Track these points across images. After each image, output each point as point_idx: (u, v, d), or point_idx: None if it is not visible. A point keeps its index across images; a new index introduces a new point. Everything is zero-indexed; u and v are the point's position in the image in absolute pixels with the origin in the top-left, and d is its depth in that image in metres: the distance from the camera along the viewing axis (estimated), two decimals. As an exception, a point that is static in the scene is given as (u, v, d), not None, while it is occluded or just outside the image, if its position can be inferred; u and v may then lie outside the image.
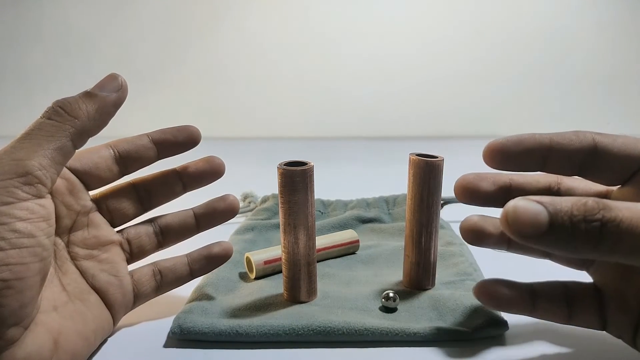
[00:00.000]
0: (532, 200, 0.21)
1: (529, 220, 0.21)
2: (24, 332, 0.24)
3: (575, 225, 0.21)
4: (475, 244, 0.30)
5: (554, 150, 0.26)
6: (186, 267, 0.34)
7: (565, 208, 0.21)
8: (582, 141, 0.26)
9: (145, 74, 1.14)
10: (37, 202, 0.25)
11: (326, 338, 0.31)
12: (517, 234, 0.21)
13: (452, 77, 1.12)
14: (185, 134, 0.33)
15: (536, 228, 0.21)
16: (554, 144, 0.26)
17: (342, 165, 0.86)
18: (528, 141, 0.27)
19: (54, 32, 1.15)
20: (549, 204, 0.21)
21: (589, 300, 0.28)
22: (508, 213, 0.21)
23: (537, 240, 0.21)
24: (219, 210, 0.34)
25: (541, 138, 0.27)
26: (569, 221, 0.21)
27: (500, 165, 0.27)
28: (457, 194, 0.30)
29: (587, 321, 0.28)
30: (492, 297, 0.28)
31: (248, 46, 1.13)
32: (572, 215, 0.21)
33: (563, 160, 0.27)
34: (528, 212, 0.21)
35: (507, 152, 0.27)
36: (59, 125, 0.26)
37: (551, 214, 0.21)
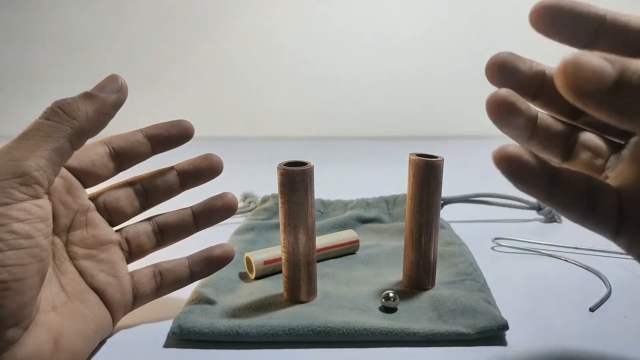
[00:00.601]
0: (596, 54, 0.19)
1: (593, 73, 0.19)
2: (24, 332, 0.24)
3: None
4: (502, 122, 0.25)
5: (609, 24, 0.24)
6: (187, 269, 0.34)
7: (636, 66, 0.19)
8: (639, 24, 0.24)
9: (145, 74, 1.14)
10: (34, 203, 0.24)
11: (326, 338, 0.31)
12: (576, 89, 0.19)
13: (452, 77, 1.12)
14: (178, 129, 0.33)
15: (601, 83, 0.19)
16: (610, 18, 0.24)
17: (342, 165, 0.86)
18: (582, 6, 0.24)
19: (54, 32, 1.15)
20: (616, 60, 0.19)
21: (609, 200, 0.25)
22: (568, 63, 0.19)
23: (598, 98, 0.19)
24: (217, 208, 0.34)
25: (597, 8, 0.24)
26: (638, 79, 0.19)
27: (547, 25, 0.24)
28: (489, 72, 0.26)
29: (602, 220, 0.25)
30: (514, 163, 0.23)
31: (248, 46, 1.13)
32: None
33: (615, 39, 0.24)
34: (592, 65, 0.19)
35: (559, 11, 0.24)
36: (57, 126, 0.26)
37: (618, 69, 0.19)
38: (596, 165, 0.27)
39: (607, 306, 0.35)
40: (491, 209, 0.55)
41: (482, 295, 0.34)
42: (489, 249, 0.46)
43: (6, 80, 1.18)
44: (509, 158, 0.23)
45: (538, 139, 0.26)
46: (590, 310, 0.34)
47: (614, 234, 0.25)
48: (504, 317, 0.31)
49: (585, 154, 0.27)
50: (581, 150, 0.27)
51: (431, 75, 1.12)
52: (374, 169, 0.82)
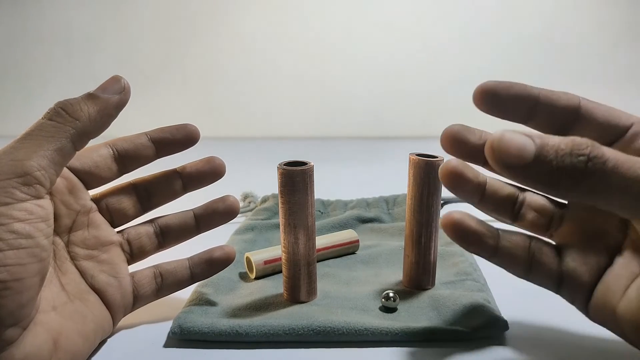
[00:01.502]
0: (519, 133, 0.22)
1: (515, 149, 0.21)
2: (23, 332, 0.24)
3: (560, 159, 0.21)
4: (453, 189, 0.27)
5: (541, 103, 0.27)
6: (187, 270, 0.34)
7: (553, 142, 0.22)
8: (569, 100, 0.27)
9: (145, 74, 1.14)
10: (35, 203, 0.25)
11: (326, 338, 0.31)
12: (502, 163, 0.21)
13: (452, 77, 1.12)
14: (184, 133, 0.33)
15: (522, 158, 0.21)
16: (542, 96, 0.27)
17: (342, 165, 0.86)
18: (518, 88, 0.27)
19: (55, 32, 1.15)
20: (537, 137, 0.22)
21: (549, 257, 0.28)
22: (494, 141, 0.21)
23: (520, 171, 0.21)
24: (219, 211, 0.34)
25: (531, 89, 0.27)
26: (554, 154, 0.21)
27: (488, 106, 0.27)
28: (443, 144, 0.29)
29: (545, 277, 0.28)
30: (458, 228, 0.26)
31: (249, 46, 1.13)
32: (559, 148, 0.21)
33: (548, 115, 0.27)
34: (515, 142, 0.21)
35: (497, 95, 0.27)
36: (60, 127, 0.26)
37: (538, 146, 0.21)
38: (541, 224, 0.29)
39: (607, 306, 0.35)
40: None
41: (482, 295, 0.34)
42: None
43: (6, 80, 1.18)
44: (454, 224, 0.26)
45: (488, 202, 0.29)
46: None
47: (557, 289, 0.28)
48: (504, 317, 0.31)
49: (531, 214, 0.29)
50: (527, 210, 0.29)
51: (431, 75, 1.12)
52: (374, 169, 0.82)
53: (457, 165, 0.27)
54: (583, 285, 0.27)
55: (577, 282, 0.27)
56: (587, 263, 0.27)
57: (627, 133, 0.27)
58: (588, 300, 0.27)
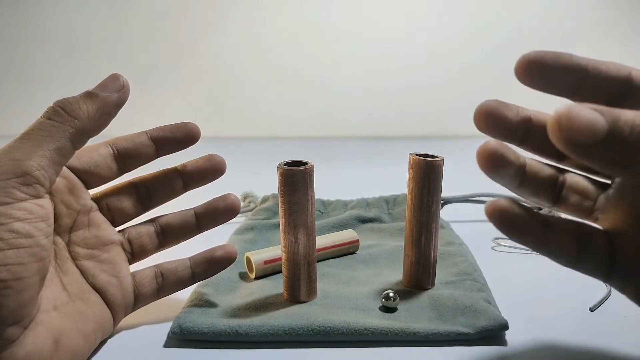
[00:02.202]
0: (588, 107, 0.19)
1: (585, 125, 0.19)
2: (24, 331, 0.24)
3: (636, 135, 0.19)
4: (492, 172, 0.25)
5: (591, 74, 0.25)
6: (188, 270, 0.34)
7: (626, 117, 0.19)
8: (619, 71, 0.25)
9: (146, 74, 1.14)
10: (35, 202, 0.25)
11: (326, 338, 0.31)
12: (569, 141, 0.19)
13: (453, 77, 1.12)
14: (184, 131, 0.32)
15: (593, 135, 0.19)
16: (591, 67, 0.25)
17: (342, 165, 0.86)
18: (566, 58, 0.25)
19: (55, 32, 1.15)
20: (607, 112, 0.19)
21: (600, 243, 0.26)
22: (561, 116, 0.19)
23: (591, 150, 0.19)
24: (220, 210, 0.34)
25: (579, 59, 0.25)
26: (629, 130, 0.19)
27: (533, 78, 0.25)
28: (477, 121, 0.26)
29: (594, 264, 0.26)
30: (506, 217, 0.24)
31: (249, 46, 1.13)
32: (635, 124, 0.19)
33: (597, 87, 0.25)
34: (585, 117, 0.19)
35: (543, 65, 0.24)
36: (59, 126, 0.26)
37: (610, 121, 0.19)
38: (585, 207, 0.27)
39: (607, 306, 0.35)
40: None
41: (482, 295, 0.34)
42: (489, 249, 0.46)
43: (7, 80, 1.18)
44: (501, 212, 0.24)
45: (528, 186, 0.26)
46: (590, 310, 0.34)
47: (607, 277, 0.26)
48: (504, 317, 0.31)
49: (574, 197, 0.27)
50: (569, 193, 0.27)
51: (431, 75, 1.12)
52: (374, 169, 0.82)
53: (497, 146, 0.25)
54: (636, 273, 0.25)
55: (629, 269, 0.25)
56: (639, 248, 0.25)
57: None
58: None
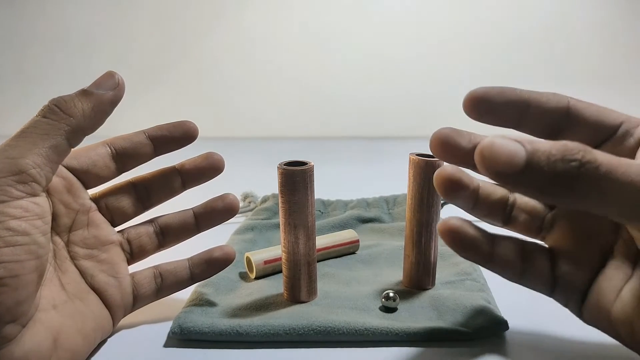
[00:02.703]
0: (510, 139, 0.21)
1: (506, 157, 0.21)
2: (22, 329, 0.24)
3: (552, 165, 0.21)
4: (449, 196, 0.27)
5: (532, 106, 0.26)
6: (187, 270, 0.34)
7: (544, 148, 0.21)
8: (558, 101, 0.27)
9: (144, 73, 1.14)
10: (31, 200, 0.25)
11: (326, 338, 0.31)
12: (492, 170, 0.21)
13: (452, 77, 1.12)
14: (182, 130, 0.32)
15: (512, 166, 0.21)
16: (532, 100, 0.26)
17: (342, 165, 0.86)
18: (509, 93, 0.26)
19: (53, 31, 1.15)
20: (527, 143, 0.21)
21: (542, 261, 0.28)
22: (484, 148, 0.21)
23: (512, 179, 0.21)
24: (219, 210, 0.34)
25: (521, 92, 0.27)
26: (546, 160, 0.21)
27: (480, 113, 0.27)
28: (433, 148, 0.28)
29: (538, 280, 0.27)
30: (456, 235, 0.26)
31: (248, 46, 1.13)
32: (551, 154, 0.21)
33: (538, 119, 0.27)
34: (505, 149, 0.21)
35: (488, 101, 0.26)
36: (54, 124, 0.26)
37: (528, 152, 0.21)
38: (533, 226, 0.29)
39: (607, 306, 0.35)
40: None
41: (482, 295, 0.34)
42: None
43: (6, 80, 1.18)
44: (451, 230, 0.26)
45: (481, 207, 0.28)
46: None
47: (550, 292, 0.28)
48: (504, 316, 0.31)
49: (523, 217, 0.29)
50: (519, 213, 0.29)
51: (431, 75, 1.12)
52: (374, 169, 0.82)
53: (453, 172, 0.27)
54: (576, 289, 0.27)
55: (571, 285, 0.27)
56: (580, 266, 0.27)
57: (617, 132, 0.27)
58: (582, 303, 0.27)
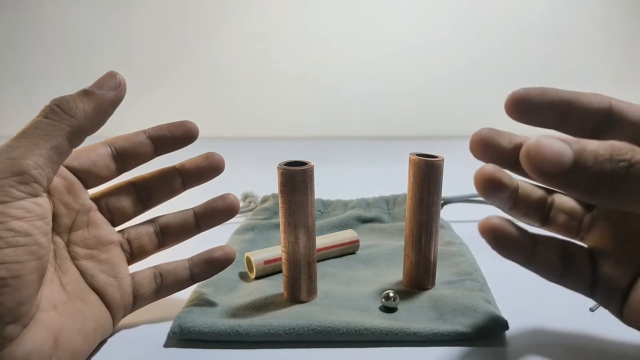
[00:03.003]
0: (556, 138, 0.21)
1: (552, 156, 0.21)
2: (23, 330, 0.24)
3: (600, 165, 0.20)
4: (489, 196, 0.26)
5: (574, 107, 0.26)
6: (187, 270, 0.34)
7: (592, 147, 0.21)
8: (601, 102, 0.26)
9: (145, 73, 1.14)
10: (32, 201, 0.25)
11: (326, 338, 0.31)
12: (539, 170, 0.21)
13: (452, 77, 1.12)
14: (182, 130, 0.32)
15: (559, 165, 0.21)
16: (574, 100, 0.26)
17: (342, 165, 0.86)
18: (551, 93, 0.26)
19: (54, 31, 1.15)
20: (574, 142, 0.21)
21: (583, 261, 0.27)
22: (530, 148, 0.21)
23: (558, 178, 0.21)
24: (219, 210, 0.34)
25: (563, 93, 0.26)
26: (593, 160, 0.21)
27: (522, 115, 0.26)
28: (473, 148, 0.28)
29: (578, 281, 0.27)
30: (498, 235, 0.25)
31: (248, 46, 1.13)
32: (598, 154, 0.21)
33: (580, 119, 0.26)
34: (552, 148, 0.21)
35: (530, 102, 0.26)
36: (56, 124, 0.26)
37: (575, 152, 0.21)
38: (572, 226, 0.29)
39: (607, 306, 0.35)
40: (491, 209, 0.55)
41: (482, 295, 0.34)
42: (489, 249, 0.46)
43: (6, 80, 1.18)
44: (493, 229, 0.25)
45: (519, 207, 0.28)
46: (591, 310, 0.34)
47: (590, 293, 0.27)
48: (504, 317, 0.31)
49: (561, 217, 0.29)
50: (557, 213, 0.29)
51: (431, 75, 1.12)
52: (374, 169, 0.82)
53: (494, 171, 0.26)
54: (618, 290, 0.26)
55: (612, 286, 0.26)
56: (621, 266, 0.26)
57: None
58: (623, 304, 0.26)
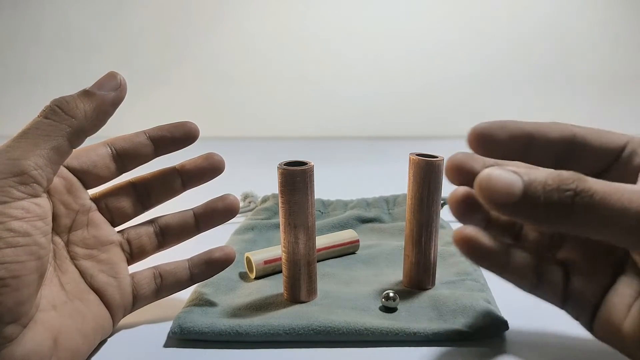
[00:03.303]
0: (507, 169, 0.22)
1: (503, 187, 0.21)
2: (22, 330, 0.24)
3: (548, 194, 0.21)
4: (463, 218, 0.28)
5: (536, 138, 0.26)
6: (187, 271, 0.34)
7: (540, 178, 0.22)
8: (562, 131, 0.27)
9: (145, 73, 1.14)
10: (32, 201, 0.25)
11: (326, 338, 0.31)
12: (490, 201, 0.22)
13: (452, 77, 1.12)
14: (183, 130, 0.32)
15: (510, 196, 0.21)
16: (535, 131, 0.26)
17: (342, 165, 0.86)
18: (511, 127, 0.26)
19: (54, 31, 1.15)
20: (524, 174, 0.22)
21: (555, 274, 0.27)
22: (482, 180, 0.22)
23: (509, 209, 0.21)
24: (219, 210, 0.34)
25: (524, 125, 0.27)
26: (542, 190, 0.21)
27: (485, 150, 0.27)
28: (449, 174, 0.28)
29: (550, 293, 0.27)
30: (471, 244, 0.25)
31: (248, 46, 1.13)
32: (546, 184, 0.21)
33: (543, 149, 0.27)
34: (502, 180, 0.21)
35: (491, 137, 0.26)
36: (56, 125, 0.26)
37: (525, 183, 0.21)
38: (544, 243, 0.29)
39: (607, 306, 0.35)
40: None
41: (482, 295, 0.34)
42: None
43: (6, 80, 1.18)
44: (467, 240, 0.25)
45: (492, 227, 0.29)
46: (590, 310, 0.34)
47: (562, 305, 0.28)
48: (504, 317, 0.31)
49: (533, 235, 0.29)
50: (529, 231, 0.30)
51: (431, 75, 1.12)
52: (374, 169, 0.82)
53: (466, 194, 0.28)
54: (588, 304, 0.27)
55: (582, 300, 0.27)
56: (592, 282, 0.27)
57: (624, 152, 0.27)
58: (593, 317, 0.27)
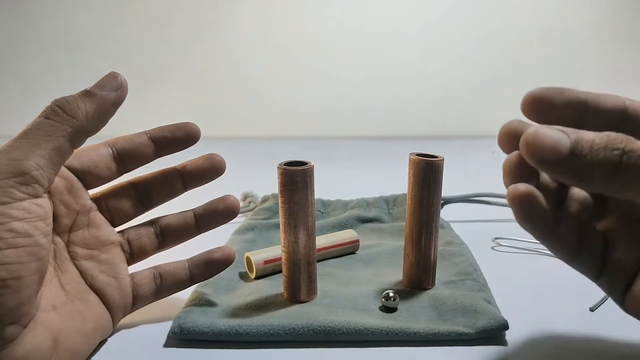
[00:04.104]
0: (554, 128, 0.22)
1: (550, 145, 0.21)
2: (23, 330, 0.24)
3: (595, 153, 0.21)
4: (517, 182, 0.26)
5: (590, 107, 0.26)
6: (186, 271, 0.34)
7: (588, 137, 0.22)
8: (615, 102, 0.26)
9: (145, 74, 1.14)
10: (33, 202, 0.25)
11: (326, 338, 0.31)
12: (537, 158, 0.21)
13: (452, 77, 1.12)
14: (184, 131, 0.32)
15: (556, 153, 0.21)
16: (590, 100, 0.26)
17: (342, 165, 0.86)
18: (568, 93, 0.26)
19: (55, 32, 1.15)
20: (572, 132, 0.22)
21: (596, 243, 0.27)
22: (528, 136, 0.21)
23: (556, 166, 0.21)
24: (219, 211, 0.34)
25: (580, 93, 0.26)
26: (589, 149, 0.21)
27: (539, 115, 0.26)
28: (501, 140, 0.27)
29: (588, 264, 0.27)
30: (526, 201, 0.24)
31: (249, 46, 1.13)
32: (594, 143, 0.22)
33: (596, 119, 0.26)
34: (550, 137, 0.21)
35: (549, 101, 0.25)
36: (57, 125, 0.26)
37: (573, 141, 0.21)
38: (585, 214, 0.29)
39: (607, 306, 0.35)
40: (491, 209, 0.55)
41: (482, 295, 0.34)
42: (489, 248, 0.46)
43: (7, 81, 1.18)
44: (522, 196, 0.24)
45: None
46: (590, 310, 0.34)
47: (596, 277, 0.27)
48: (504, 317, 0.31)
49: (575, 206, 0.29)
50: (571, 202, 0.29)
51: (431, 75, 1.13)
52: (374, 169, 0.82)
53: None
54: (625, 275, 0.26)
55: (620, 270, 0.26)
56: (633, 252, 0.26)
57: None
58: (626, 290, 0.26)
